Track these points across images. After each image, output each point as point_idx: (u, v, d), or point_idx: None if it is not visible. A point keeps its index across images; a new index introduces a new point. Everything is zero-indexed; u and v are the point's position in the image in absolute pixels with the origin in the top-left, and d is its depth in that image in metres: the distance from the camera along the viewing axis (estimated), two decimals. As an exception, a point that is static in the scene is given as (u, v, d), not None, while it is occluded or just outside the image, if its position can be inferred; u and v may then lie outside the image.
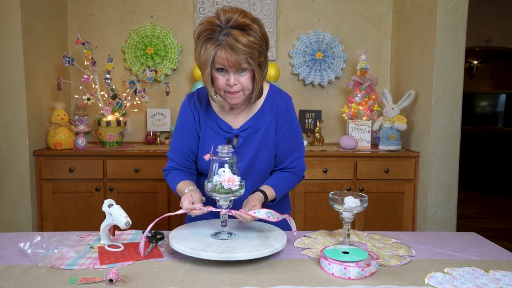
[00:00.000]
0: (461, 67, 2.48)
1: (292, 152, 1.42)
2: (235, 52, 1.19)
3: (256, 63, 1.24)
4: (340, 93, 3.12)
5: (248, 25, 1.20)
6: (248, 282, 1.00)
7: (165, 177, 1.46)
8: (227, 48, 1.19)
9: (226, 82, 1.26)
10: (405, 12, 2.88)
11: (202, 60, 1.24)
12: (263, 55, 1.26)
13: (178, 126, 1.45)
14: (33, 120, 2.52)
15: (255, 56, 1.22)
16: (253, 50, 1.20)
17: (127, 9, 2.98)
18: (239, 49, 1.18)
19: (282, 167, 1.44)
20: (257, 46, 1.21)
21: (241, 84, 1.26)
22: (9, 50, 2.39)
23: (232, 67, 1.22)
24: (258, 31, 1.22)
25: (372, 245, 1.27)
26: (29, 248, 1.13)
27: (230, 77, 1.24)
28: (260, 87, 1.31)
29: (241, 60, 1.20)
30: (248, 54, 1.20)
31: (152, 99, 3.00)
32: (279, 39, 3.06)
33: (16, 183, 2.47)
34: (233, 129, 1.40)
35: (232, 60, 1.20)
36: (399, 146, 2.69)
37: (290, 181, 1.43)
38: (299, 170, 1.45)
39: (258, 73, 1.27)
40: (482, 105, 8.27)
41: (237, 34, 1.18)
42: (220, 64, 1.23)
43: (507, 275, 1.06)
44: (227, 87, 1.27)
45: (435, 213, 2.55)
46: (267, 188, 1.34)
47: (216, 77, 1.27)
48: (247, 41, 1.18)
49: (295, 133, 1.44)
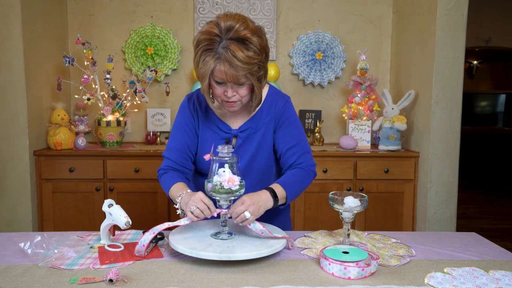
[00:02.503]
0: (461, 67, 2.48)
1: (296, 149, 1.39)
2: (233, 68, 1.18)
3: (255, 78, 1.23)
4: (340, 93, 3.12)
5: (248, 39, 1.18)
6: (248, 282, 1.00)
7: (159, 177, 1.42)
8: (225, 63, 1.18)
9: (224, 93, 1.26)
10: (405, 12, 2.88)
11: (201, 72, 1.24)
12: (263, 68, 1.25)
13: (176, 125, 1.44)
14: (33, 120, 2.52)
15: (254, 71, 1.22)
16: (252, 65, 1.20)
17: (127, 9, 2.98)
18: (237, 66, 1.17)
19: (289, 165, 1.40)
20: (256, 61, 1.20)
21: (239, 95, 1.27)
22: (9, 50, 2.39)
23: (231, 81, 1.22)
24: (258, 44, 1.20)
25: (372, 245, 1.27)
26: (29, 248, 1.13)
27: (228, 89, 1.25)
28: (259, 98, 1.32)
29: (239, 76, 1.20)
30: (247, 70, 1.20)
31: (152, 99, 3.00)
32: (279, 39, 3.06)
33: (16, 183, 2.47)
34: (232, 130, 1.40)
35: (230, 74, 1.19)
36: (399, 146, 2.70)
37: (299, 176, 1.37)
38: (308, 165, 1.39)
39: (257, 86, 1.26)
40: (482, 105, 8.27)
41: (235, 50, 1.17)
42: (218, 78, 1.23)
43: (507, 275, 1.06)
44: (225, 97, 1.27)
45: (435, 213, 2.55)
46: (275, 185, 1.30)
47: (214, 87, 1.27)
48: (245, 57, 1.17)
49: (297, 131, 1.42)
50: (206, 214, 1.16)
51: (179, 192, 1.25)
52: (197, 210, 1.15)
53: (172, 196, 1.32)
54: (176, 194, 1.27)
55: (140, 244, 1.15)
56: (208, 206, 1.16)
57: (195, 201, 1.16)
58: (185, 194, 1.24)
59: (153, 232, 1.16)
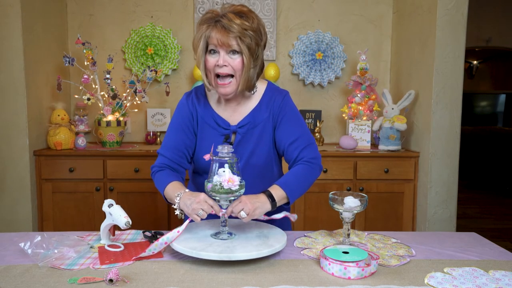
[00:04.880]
0: (461, 67, 2.48)
1: (297, 143, 1.37)
2: (226, 31, 1.23)
3: (245, 46, 1.25)
4: (340, 93, 3.12)
5: (245, 13, 1.26)
6: (248, 282, 1.00)
7: (153, 174, 1.39)
8: (219, 27, 1.23)
9: (216, 64, 1.27)
10: (405, 12, 2.88)
11: (195, 39, 1.29)
12: (254, 41, 1.27)
13: (173, 123, 1.42)
14: (33, 120, 2.52)
15: (246, 39, 1.25)
16: (245, 32, 1.24)
17: (127, 9, 2.98)
18: (230, 28, 1.22)
19: (293, 160, 1.38)
20: (249, 30, 1.25)
21: (231, 66, 1.27)
22: (9, 50, 2.39)
23: (222, 45, 1.25)
24: (255, 19, 1.27)
25: (372, 245, 1.27)
26: (29, 248, 1.13)
27: (220, 58, 1.26)
28: (248, 74, 1.29)
29: (230, 39, 1.23)
30: (239, 33, 1.23)
31: (152, 99, 3.00)
32: (279, 39, 3.06)
33: (16, 183, 2.47)
34: (231, 126, 1.39)
35: (222, 39, 1.23)
36: (399, 146, 2.69)
37: (300, 172, 1.33)
38: (311, 158, 1.36)
39: (247, 57, 1.27)
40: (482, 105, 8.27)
41: (232, 17, 1.23)
42: (212, 45, 1.26)
43: (506, 275, 1.06)
44: (217, 68, 1.27)
45: (435, 213, 2.55)
46: (273, 187, 1.28)
47: (207, 60, 1.29)
48: (240, 22, 1.23)
49: (297, 124, 1.40)
50: (216, 210, 1.18)
51: (177, 192, 1.24)
52: (202, 211, 1.15)
53: (168, 195, 1.31)
54: (173, 194, 1.26)
55: (149, 252, 1.14)
56: (212, 206, 1.17)
57: (200, 204, 1.16)
58: (183, 194, 1.22)
59: (165, 242, 1.15)
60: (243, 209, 1.16)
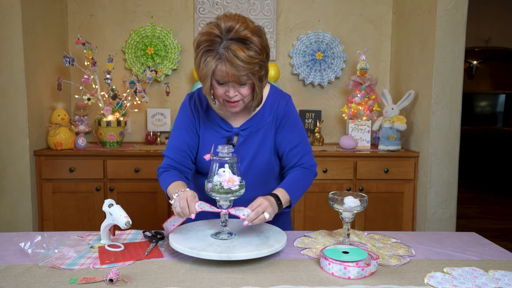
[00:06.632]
0: (460, 67, 2.48)
1: (298, 149, 1.41)
2: (234, 68, 1.18)
3: (256, 77, 1.24)
4: (340, 93, 3.12)
5: (249, 39, 1.18)
6: (248, 282, 1.00)
7: (158, 176, 1.42)
8: (227, 63, 1.18)
9: (226, 93, 1.26)
10: (404, 12, 2.89)
11: (202, 73, 1.24)
12: (264, 68, 1.25)
13: (177, 124, 1.44)
14: (33, 120, 2.52)
15: (256, 71, 1.22)
16: (253, 65, 1.20)
17: (127, 9, 2.98)
18: (239, 66, 1.18)
19: (291, 165, 1.42)
20: (257, 60, 1.20)
21: (241, 94, 1.27)
22: (9, 50, 2.39)
23: (232, 81, 1.22)
24: (259, 43, 1.20)
25: (372, 245, 1.27)
26: (29, 248, 1.13)
27: (229, 89, 1.25)
28: (260, 97, 1.32)
29: (241, 75, 1.20)
30: (248, 70, 1.20)
31: (152, 99, 3.00)
32: (279, 39, 3.06)
33: (16, 183, 2.47)
34: (234, 128, 1.40)
35: (231, 74, 1.20)
36: (399, 146, 2.70)
37: (301, 178, 1.39)
38: (309, 165, 1.42)
39: (258, 86, 1.27)
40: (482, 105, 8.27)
41: (236, 49, 1.17)
42: (220, 78, 1.23)
43: (506, 275, 1.06)
44: (227, 97, 1.27)
45: (435, 213, 2.55)
46: (279, 190, 1.31)
47: (215, 87, 1.27)
48: (246, 56, 1.17)
49: (298, 131, 1.43)
50: (185, 213, 1.16)
51: (177, 190, 1.25)
52: (178, 207, 1.16)
53: (170, 194, 1.32)
54: (173, 192, 1.27)
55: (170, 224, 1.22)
56: (188, 205, 1.15)
57: (180, 197, 1.18)
58: (182, 192, 1.23)
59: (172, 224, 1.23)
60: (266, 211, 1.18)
